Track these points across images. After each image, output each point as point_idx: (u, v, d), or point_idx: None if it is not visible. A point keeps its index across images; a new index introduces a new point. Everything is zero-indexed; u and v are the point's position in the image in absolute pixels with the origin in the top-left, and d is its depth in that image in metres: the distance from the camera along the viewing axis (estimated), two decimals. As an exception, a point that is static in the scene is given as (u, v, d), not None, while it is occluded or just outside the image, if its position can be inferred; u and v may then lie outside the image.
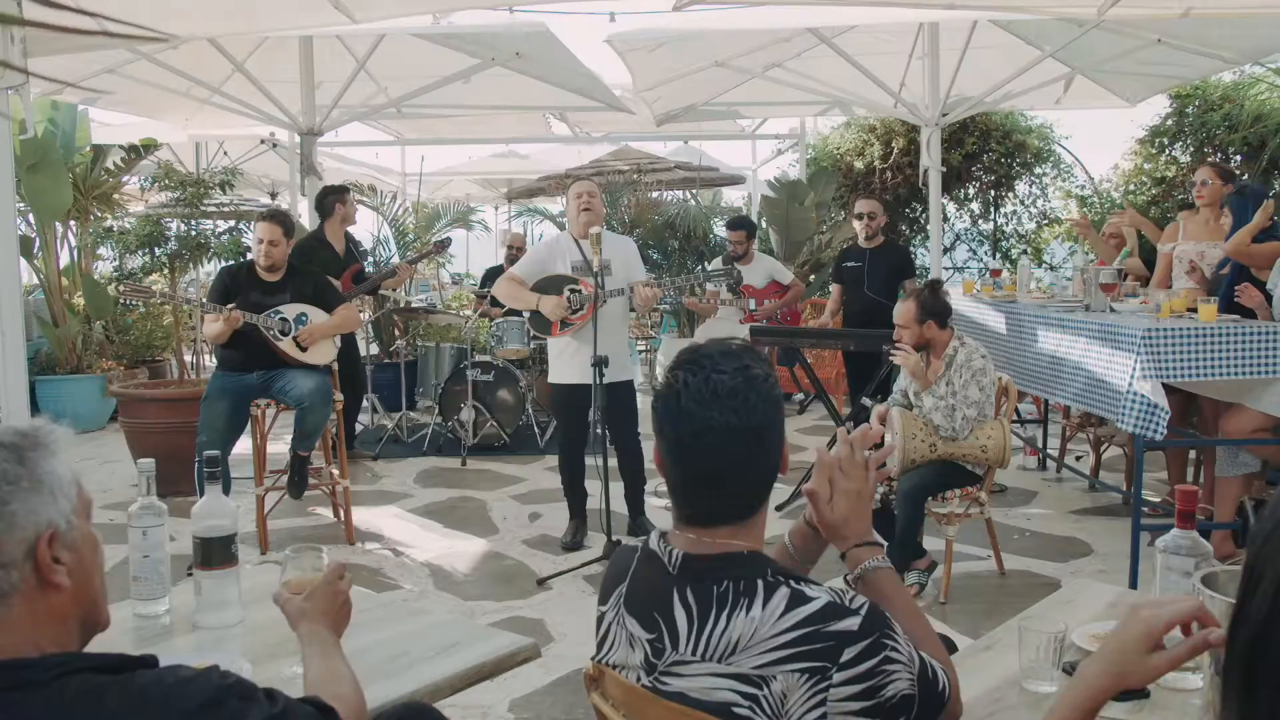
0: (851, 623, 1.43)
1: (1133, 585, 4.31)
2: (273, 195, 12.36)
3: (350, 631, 2.03)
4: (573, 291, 5.03)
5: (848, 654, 1.41)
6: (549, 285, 5.09)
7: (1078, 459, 6.66)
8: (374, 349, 8.76)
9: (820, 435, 7.74)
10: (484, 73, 7.53)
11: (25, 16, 0.89)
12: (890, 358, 4.63)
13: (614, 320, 5.07)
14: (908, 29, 7.61)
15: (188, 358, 9.02)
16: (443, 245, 8.67)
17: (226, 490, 4.80)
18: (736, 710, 1.43)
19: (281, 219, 5.15)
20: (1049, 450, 6.75)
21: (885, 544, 1.71)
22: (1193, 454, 5.60)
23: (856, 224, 6.80)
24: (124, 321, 9.18)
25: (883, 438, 4.20)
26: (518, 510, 5.96)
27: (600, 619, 1.66)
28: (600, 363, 4.73)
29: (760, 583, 1.47)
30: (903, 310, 4.46)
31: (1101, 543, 5.18)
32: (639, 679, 1.55)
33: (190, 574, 4.73)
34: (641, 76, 7.39)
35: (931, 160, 7.37)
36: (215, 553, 2.06)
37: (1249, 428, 4.50)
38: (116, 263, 8.24)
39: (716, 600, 1.48)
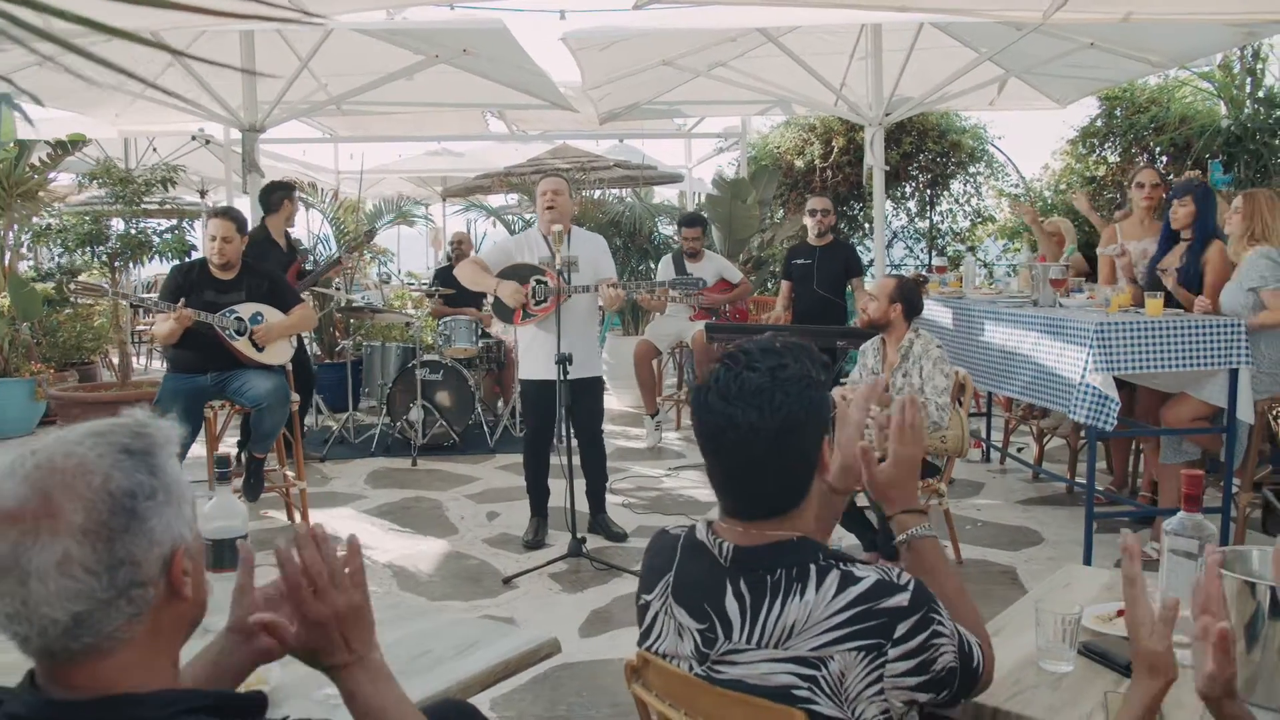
0: (901, 599, 1.48)
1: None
2: (202, 193, 12.08)
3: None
4: (539, 282, 5.03)
5: (900, 629, 1.46)
6: (516, 274, 5.08)
7: (1019, 450, 6.85)
8: (315, 349, 8.63)
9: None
10: (426, 70, 7.46)
11: (185, 2, 0.86)
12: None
13: (581, 317, 5.08)
14: (849, 29, 7.74)
15: (117, 359, 8.79)
16: (370, 235, 8.58)
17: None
18: (796, 692, 1.46)
19: (234, 215, 5.07)
20: (993, 442, 6.92)
21: (928, 513, 1.74)
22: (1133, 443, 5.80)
23: (809, 220, 6.90)
24: (50, 323, 8.89)
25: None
26: (475, 509, 5.93)
27: (644, 607, 1.68)
28: (564, 360, 4.73)
29: (813, 567, 1.51)
30: (882, 283, 4.58)
31: (1050, 530, 5.33)
32: (690, 668, 1.57)
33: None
34: (591, 74, 7.40)
35: (876, 159, 7.51)
36: (226, 554, 2.03)
37: (1190, 416, 4.68)
38: (54, 261, 7.97)
39: (770, 589, 1.51)
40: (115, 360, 9.40)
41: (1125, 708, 1.45)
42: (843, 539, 4.65)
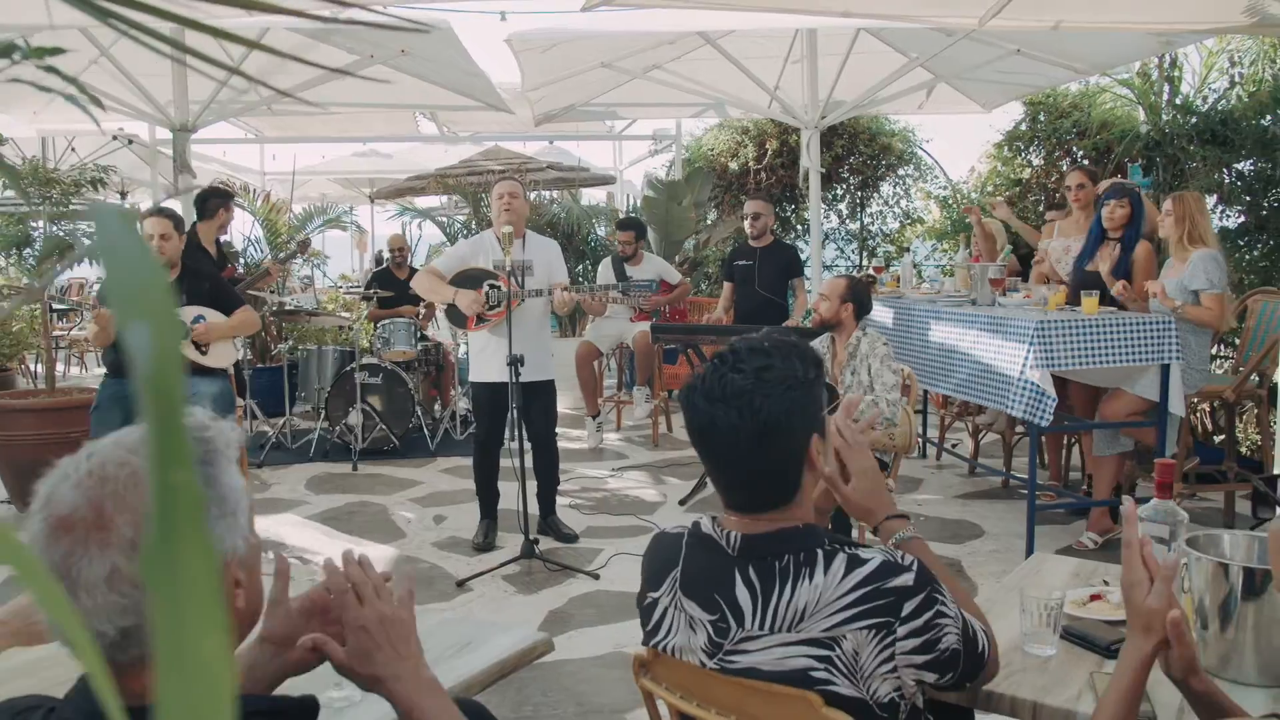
0: (907, 578, 1.53)
1: (1029, 561, 4.59)
2: (122, 194, 11.73)
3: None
4: (492, 287, 5.01)
5: (907, 608, 1.51)
6: (470, 278, 5.06)
7: (954, 446, 7.02)
8: (248, 353, 8.45)
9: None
10: (361, 70, 7.37)
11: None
12: None
13: (534, 320, 5.07)
14: (784, 33, 7.85)
15: (40, 367, 8.53)
16: (305, 245, 8.46)
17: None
18: (813, 674, 1.50)
19: (169, 213, 4.96)
20: (929, 439, 7.08)
21: (909, 516, 1.80)
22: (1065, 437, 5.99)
23: (745, 224, 6.98)
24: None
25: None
26: (421, 513, 5.89)
27: (651, 605, 1.70)
28: (516, 361, 4.73)
29: (820, 552, 1.55)
30: (833, 283, 4.62)
31: (990, 523, 5.48)
32: (702, 662, 1.60)
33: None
34: (531, 76, 7.39)
35: (812, 161, 7.63)
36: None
37: (1125, 411, 4.86)
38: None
39: (779, 574, 1.55)
40: (34, 368, 9.12)
41: (1118, 668, 1.53)
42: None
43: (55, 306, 10.72)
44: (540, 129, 10.13)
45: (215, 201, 6.44)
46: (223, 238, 6.78)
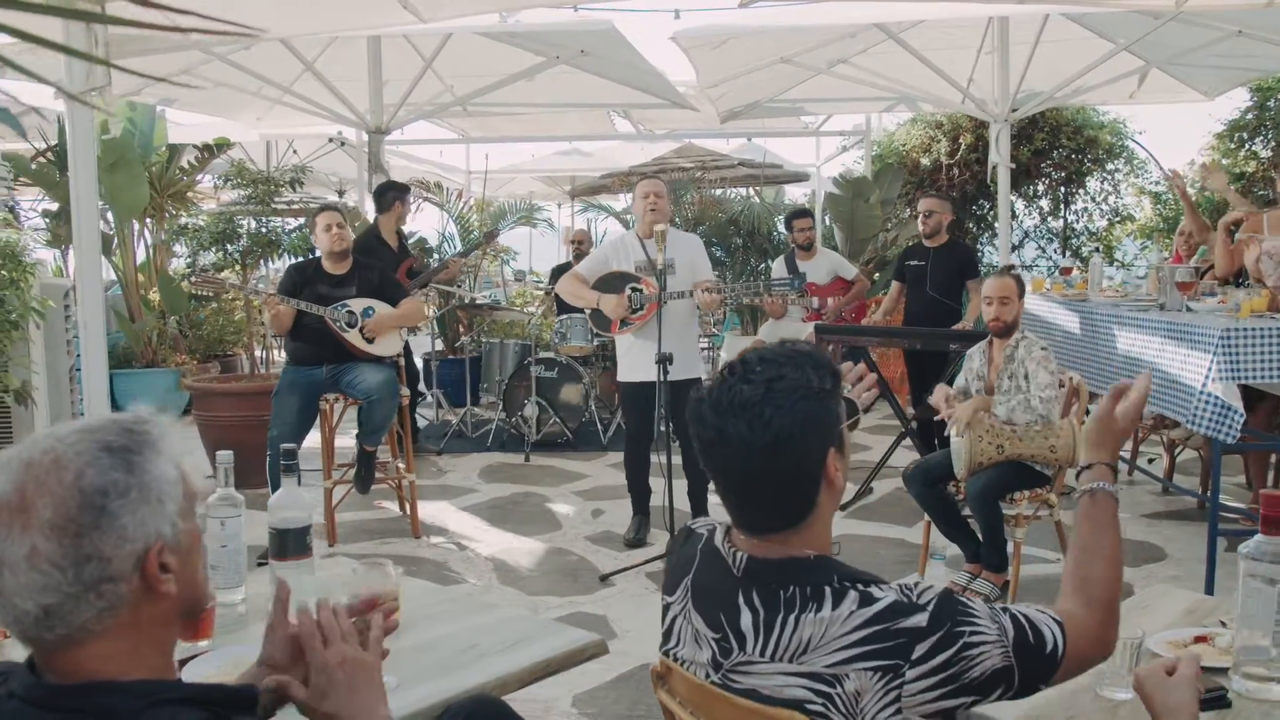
0: (920, 619, 1.42)
1: (1209, 592, 4.20)
2: (340, 193, 12.55)
3: (423, 623, 2.06)
4: (634, 290, 5.05)
5: (919, 650, 1.40)
6: (612, 282, 5.12)
7: (1150, 461, 6.51)
8: (439, 345, 8.87)
9: (885, 434, 7.66)
10: (548, 71, 7.58)
11: (113, 13, 0.89)
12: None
13: (680, 319, 5.07)
14: (976, 23, 7.51)
15: (258, 352, 9.22)
16: (491, 235, 8.72)
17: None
18: (810, 707, 1.42)
19: (339, 207, 5.28)
20: (1121, 453, 6.60)
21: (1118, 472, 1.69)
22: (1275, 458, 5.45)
23: (918, 221, 6.70)
24: (196, 317, 9.39)
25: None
26: (581, 506, 6.00)
27: (666, 609, 1.66)
28: (664, 360, 4.74)
29: (828, 589, 1.46)
30: (1001, 285, 4.41)
31: (1175, 547, 5.06)
32: (707, 675, 1.55)
33: (261, 564, 4.77)
34: (706, 73, 7.39)
35: (1000, 157, 7.26)
36: (290, 544, 2.10)
37: (1331, 431, 4.37)
38: (189, 259, 8.43)
39: (784, 604, 1.47)
40: (256, 352, 9.88)
41: None
42: (947, 548, 4.51)
43: (249, 294, 11.51)
44: (738, 125, 10.09)
45: (391, 194, 6.75)
46: (405, 228, 7.10)
